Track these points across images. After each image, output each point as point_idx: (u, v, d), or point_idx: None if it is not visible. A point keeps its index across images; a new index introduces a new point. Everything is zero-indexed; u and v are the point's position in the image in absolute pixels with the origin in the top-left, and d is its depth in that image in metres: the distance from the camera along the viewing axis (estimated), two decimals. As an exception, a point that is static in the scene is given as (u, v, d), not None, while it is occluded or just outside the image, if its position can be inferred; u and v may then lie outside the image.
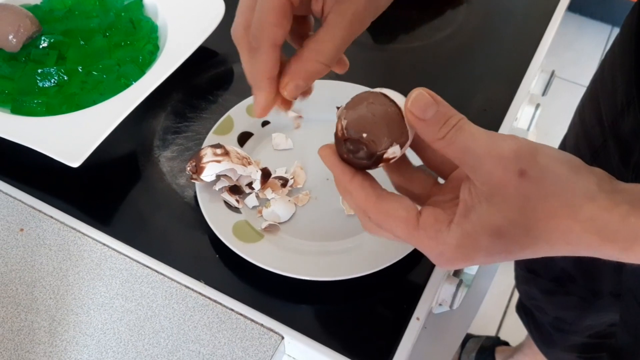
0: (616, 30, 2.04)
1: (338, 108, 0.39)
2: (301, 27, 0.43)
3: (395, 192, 0.41)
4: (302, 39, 0.42)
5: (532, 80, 0.70)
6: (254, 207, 0.56)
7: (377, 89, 0.38)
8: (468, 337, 1.36)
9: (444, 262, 0.37)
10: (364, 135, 0.37)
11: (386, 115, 0.37)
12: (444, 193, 0.40)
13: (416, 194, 0.41)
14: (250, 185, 0.56)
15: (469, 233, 0.35)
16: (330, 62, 0.39)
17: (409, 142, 0.38)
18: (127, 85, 0.61)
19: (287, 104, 0.42)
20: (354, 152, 0.38)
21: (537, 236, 0.34)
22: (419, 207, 0.38)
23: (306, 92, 0.44)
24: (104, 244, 0.54)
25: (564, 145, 0.83)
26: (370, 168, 0.39)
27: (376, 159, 0.38)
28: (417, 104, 0.36)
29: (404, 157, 0.41)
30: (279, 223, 0.55)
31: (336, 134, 0.39)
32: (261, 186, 0.57)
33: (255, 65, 0.40)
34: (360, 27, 0.39)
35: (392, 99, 0.37)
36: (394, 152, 0.37)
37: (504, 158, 0.33)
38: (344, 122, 0.37)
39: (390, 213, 0.38)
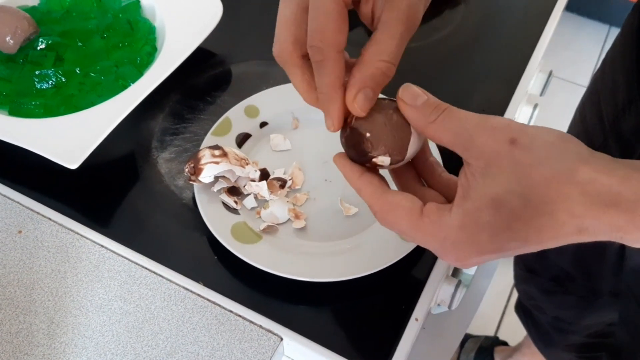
0: (614, 30, 2.05)
1: None
2: None
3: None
4: None
5: (530, 80, 0.70)
6: (253, 208, 0.56)
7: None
8: (467, 337, 1.37)
9: (450, 249, 0.36)
10: (368, 134, 0.38)
11: (397, 130, 0.38)
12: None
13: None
14: (252, 180, 0.56)
15: (470, 211, 0.35)
16: (395, 60, 0.38)
17: (403, 162, 0.40)
18: (125, 86, 0.61)
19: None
20: (351, 141, 0.39)
21: (537, 207, 0.33)
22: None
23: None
24: (102, 246, 0.54)
25: None
26: (362, 164, 0.41)
27: (366, 160, 0.40)
28: (407, 92, 0.37)
29: (416, 177, 0.43)
30: (277, 224, 0.55)
31: (344, 127, 0.40)
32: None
33: (323, 77, 0.38)
34: (415, 22, 0.38)
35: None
36: (382, 160, 0.39)
37: (494, 129, 0.34)
38: (360, 121, 0.39)
39: (394, 204, 0.38)
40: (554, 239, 0.33)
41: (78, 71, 0.62)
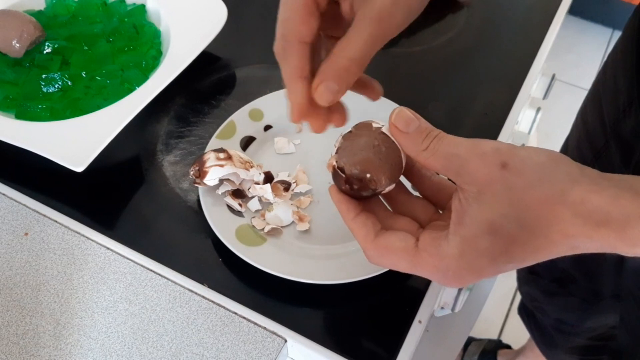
0: (617, 33, 2.04)
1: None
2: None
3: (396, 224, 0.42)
4: None
5: (533, 83, 0.70)
6: (257, 210, 0.56)
7: (374, 124, 0.40)
8: (470, 340, 1.36)
9: (452, 278, 0.37)
10: (368, 175, 0.39)
11: (390, 157, 0.39)
12: (444, 219, 0.40)
13: (419, 219, 0.42)
14: (256, 183, 0.57)
15: (467, 238, 0.35)
16: (358, 57, 0.37)
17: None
18: (130, 90, 0.61)
19: (320, 124, 0.41)
20: (355, 189, 0.40)
21: (532, 230, 0.33)
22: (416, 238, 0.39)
23: (340, 118, 0.42)
24: (108, 248, 0.55)
25: (566, 147, 0.83)
26: (366, 199, 0.41)
27: (374, 195, 0.41)
28: (400, 118, 0.38)
29: (403, 188, 0.43)
30: (281, 227, 0.55)
31: (337, 169, 0.40)
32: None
33: (285, 67, 0.39)
34: (388, 25, 0.38)
35: (388, 135, 0.40)
36: (389, 188, 0.41)
37: (485, 154, 0.35)
38: (346, 161, 0.40)
39: (388, 247, 0.39)
40: (548, 256, 0.35)
41: (84, 75, 0.63)
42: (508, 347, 1.36)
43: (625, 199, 0.31)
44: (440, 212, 0.42)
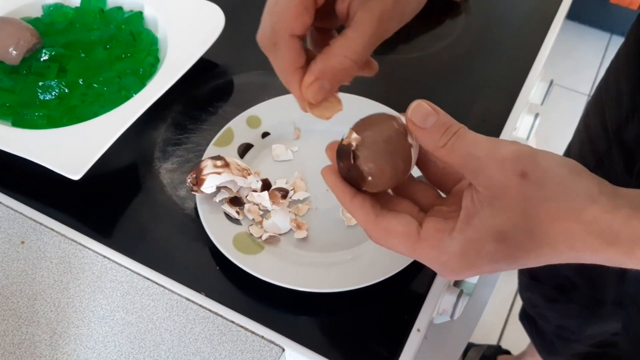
0: (615, 38, 2.05)
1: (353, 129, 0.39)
2: (324, 38, 0.42)
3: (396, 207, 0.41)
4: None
5: (531, 89, 0.70)
6: (254, 218, 0.56)
7: (401, 118, 0.39)
8: (469, 346, 1.36)
9: (449, 272, 0.37)
10: (370, 178, 0.38)
11: (399, 164, 0.38)
12: (448, 205, 0.40)
13: (420, 203, 0.41)
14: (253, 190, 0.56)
15: (472, 240, 0.35)
16: (358, 59, 0.38)
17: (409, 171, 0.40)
18: (127, 97, 0.61)
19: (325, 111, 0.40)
20: (352, 177, 0.39)
21: (540, 240, 0.33)
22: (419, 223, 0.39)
23: (335, 105, 0.41)
24: (105, 256, 0.54)
25: (568, 153, 0.83)
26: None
27: (366, 193, 0.40)
28: (417, 113, 0.37)
29: None
30: (279, 234, 0.55)
31: (344, 148, 0.39)
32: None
33: (277, 60, 0.39)
34: (386, 27, 0.38)
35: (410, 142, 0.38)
36: (375, 191, 0.40)
37: (505, 160, 0.34)
38: (366, 154, 0.38)
39: (389, 230, 0.38)
40: (550, 262, 0.35)
41: (81, 82, 0.63)
42: (507, 352, 1.35)
43: (637, 219, 0.31)
44: (444, 196, 0.42)
